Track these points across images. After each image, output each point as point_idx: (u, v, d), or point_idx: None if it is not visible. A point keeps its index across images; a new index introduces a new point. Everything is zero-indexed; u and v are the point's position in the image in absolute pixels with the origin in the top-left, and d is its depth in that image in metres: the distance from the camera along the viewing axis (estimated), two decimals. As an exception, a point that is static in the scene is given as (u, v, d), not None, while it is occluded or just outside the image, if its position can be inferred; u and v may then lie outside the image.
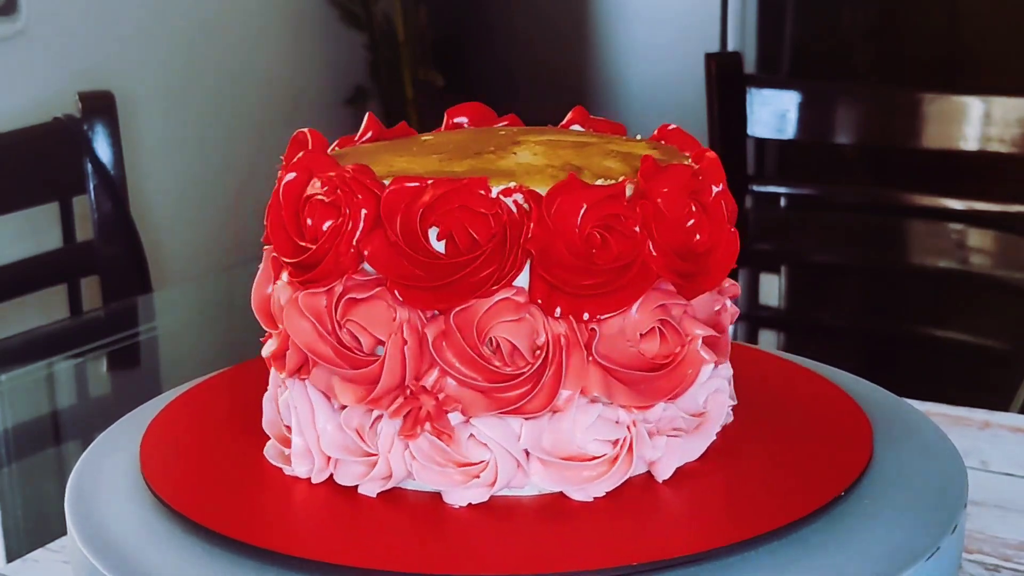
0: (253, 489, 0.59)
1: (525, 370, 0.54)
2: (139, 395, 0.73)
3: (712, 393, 0.60)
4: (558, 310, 0.54)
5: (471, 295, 0.54)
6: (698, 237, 0.58)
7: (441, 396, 0.55)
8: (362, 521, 0.55)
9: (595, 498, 0.56)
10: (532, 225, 0.54)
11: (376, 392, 0.55)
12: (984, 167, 1.92)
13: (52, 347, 1.44)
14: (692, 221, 0.57)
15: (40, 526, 1.06)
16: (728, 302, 0.62)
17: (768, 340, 1.78)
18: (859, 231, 1.95)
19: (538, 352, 0.54)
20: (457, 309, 0.54)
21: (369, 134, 0.67)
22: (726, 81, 1.85)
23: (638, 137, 0.66)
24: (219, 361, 0.75)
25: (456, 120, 0.69)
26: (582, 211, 0.54)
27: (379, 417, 0.56)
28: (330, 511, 0.56)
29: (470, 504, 0.56)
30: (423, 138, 0.66)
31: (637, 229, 0.55)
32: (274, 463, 0.60)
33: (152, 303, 1.66)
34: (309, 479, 0.58)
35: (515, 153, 0.60)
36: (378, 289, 0.55)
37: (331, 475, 0.58)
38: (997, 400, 1.35)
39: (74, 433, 1.33)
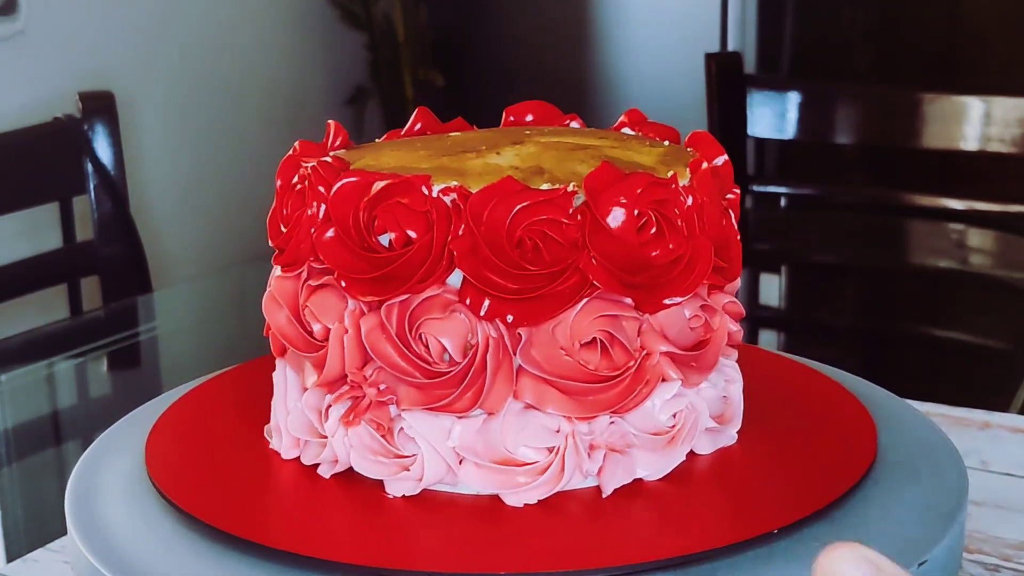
0: (257, 487, 0.59)
1: (452, 369, 0.55)
2: (139, 395, 0.73)
3: (683, 411, 0.58)
4: (483, 310, 0.54)
5: (401, 289, 0.55)
6: (656, 253, 0.56)
7: (381, 387, 0.55)
8: (318, 505, 0.57)
9: (527, 504, 0.55)
10: (462, 225, 0.54)
11: (323, 378, 0.57)
12: (984, 167, 1.93)
13: (52, 347, 1.44)
14: (654, 230, 0.56)
15: (40, 526, 1.06)
16: (727, 320, 0.61)
17: (768, 340, 1.78)
18: (859, 231, 1.95)
19: (468, 352, 0.55)
20: (390, 302, 0.55)
21: (418, 126, 0.68)
22: (726, 81, 1.85)
23: (665, 143, 0.65)
24: (219, 361, 0.75)
25: (511, 118, 0.69)
26: (512, 214, 0.54)
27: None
28: (300, 496, 0.58)
29: (405, 496, 0.56)
30: (450, 135, 0.66)
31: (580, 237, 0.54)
32: (266, 437, 0.62)
33: (152, 303, 1.66)
34: (310, 474, 0.59)
35: (499, 153, 0.59)
36: (327, 278, 0.57)
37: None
38: (997, 400, 1.35)
39: (74, 433, 1.33)
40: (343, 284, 0.56)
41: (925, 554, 0.53)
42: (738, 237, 0.61)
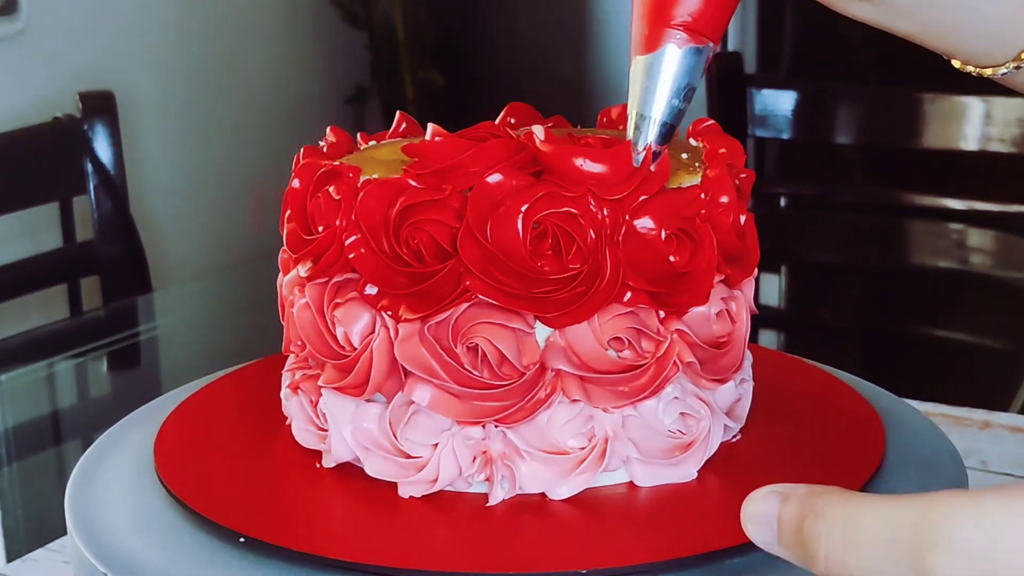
0: (265, 486, 0.58)
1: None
2: (139, 395, 0.73)
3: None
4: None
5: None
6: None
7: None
8: (327, 503, 0.56)
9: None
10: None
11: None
12: (984, 167, 1.93)
13: (52, 347, 1.45)
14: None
15: (40, 526, 1.06)
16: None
17: (768, 340, 1.78)
18: (859, 231, 1.95)
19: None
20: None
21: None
22: (726, 81, 1.85)
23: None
24: (219, 361, 0.75)
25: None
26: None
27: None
28: (310, 494, 0.57)
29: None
30: None
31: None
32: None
33: (152, 303, 1.66)
34: (323, 475, 0.58)
35: None
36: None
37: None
38: (997, 400, 1.35)
39: (74, 433, 1.33)
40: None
41: (925, 554, 0.52)
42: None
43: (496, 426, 0.55)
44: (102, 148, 1.61)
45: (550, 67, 2.61)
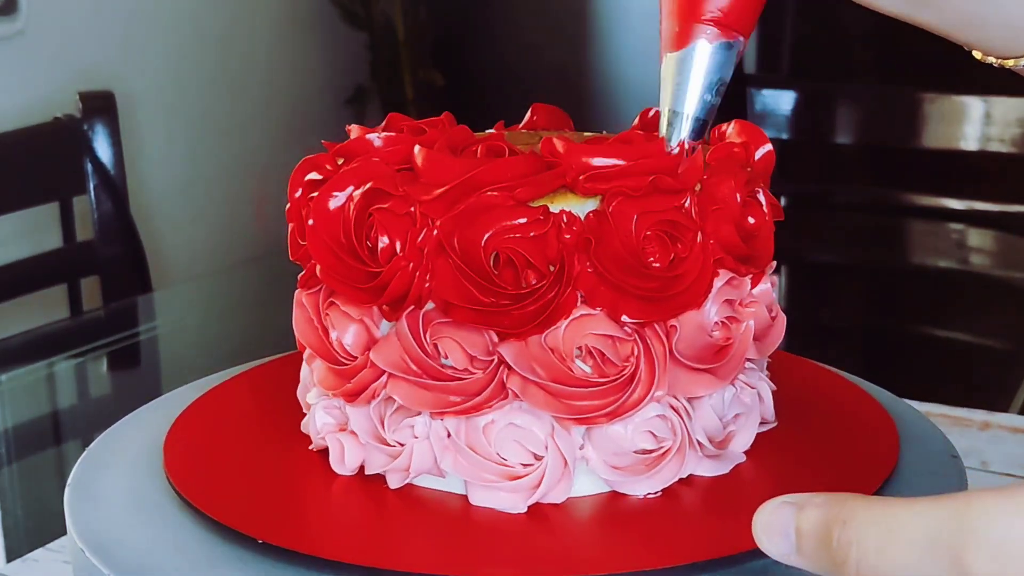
0: (274, 486, 0.58)
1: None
2: (139, 395, 0.73)
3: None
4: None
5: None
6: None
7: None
8: (384, 519, 0.55)
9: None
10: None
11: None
12: (984, 167, 1.93)
13: (52, 347, 1.45)
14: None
15: (40, 526, 1.06)
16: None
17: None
18: (859, 231, 1.95)
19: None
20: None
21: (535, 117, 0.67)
22: (726, 81, 1.84)
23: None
24: (219, 362, 0.75)
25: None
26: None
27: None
28: (320, 498, 0.56)
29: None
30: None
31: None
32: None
33: (152, 303, 1.66)
34: (335, 476, 0.58)
35: None
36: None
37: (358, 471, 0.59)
38: (997, 400, 1.35)
39: (74, 433, 1.33)
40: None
41: (925, 554, 0.52)
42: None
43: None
44: (102, 148, 1.61)
45: (550, 67, 2.61)
